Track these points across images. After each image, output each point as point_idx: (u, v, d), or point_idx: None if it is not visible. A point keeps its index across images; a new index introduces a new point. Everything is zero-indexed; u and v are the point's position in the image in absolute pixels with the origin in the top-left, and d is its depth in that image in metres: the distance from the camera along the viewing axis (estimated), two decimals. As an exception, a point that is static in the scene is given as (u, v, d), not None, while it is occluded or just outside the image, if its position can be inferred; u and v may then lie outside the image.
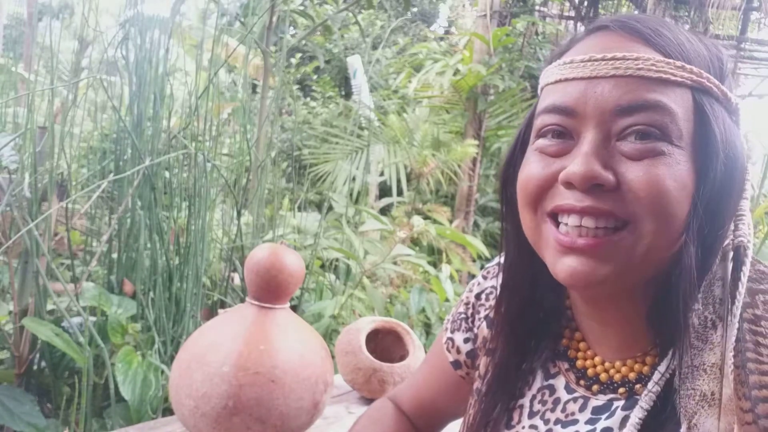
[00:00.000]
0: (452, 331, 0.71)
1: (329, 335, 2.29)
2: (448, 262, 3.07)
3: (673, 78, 0.47)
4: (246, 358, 0.65)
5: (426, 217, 3.61)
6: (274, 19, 2.65)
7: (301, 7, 3.67)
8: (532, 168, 0.51)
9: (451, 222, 4.07)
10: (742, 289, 0.44)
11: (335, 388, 1.40)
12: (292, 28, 6.09)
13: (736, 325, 0.43)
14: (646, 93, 0.46)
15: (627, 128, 0.47)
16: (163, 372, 1.69)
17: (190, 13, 5.51)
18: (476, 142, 4.69)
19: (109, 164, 2.27)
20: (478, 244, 3.09)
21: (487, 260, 4.62)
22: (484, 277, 0.71)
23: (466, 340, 0.69)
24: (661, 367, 0.49)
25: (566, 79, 0.49)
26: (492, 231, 5.24)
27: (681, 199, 0.46)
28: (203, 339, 0.67)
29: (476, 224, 5.14)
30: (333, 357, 2.08)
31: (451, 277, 2.58)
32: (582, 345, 0.57)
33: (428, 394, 0.74)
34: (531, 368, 0.60)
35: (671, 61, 0.47)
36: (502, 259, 0.61)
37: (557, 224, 0.49)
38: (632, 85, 0.47)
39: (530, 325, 0.60)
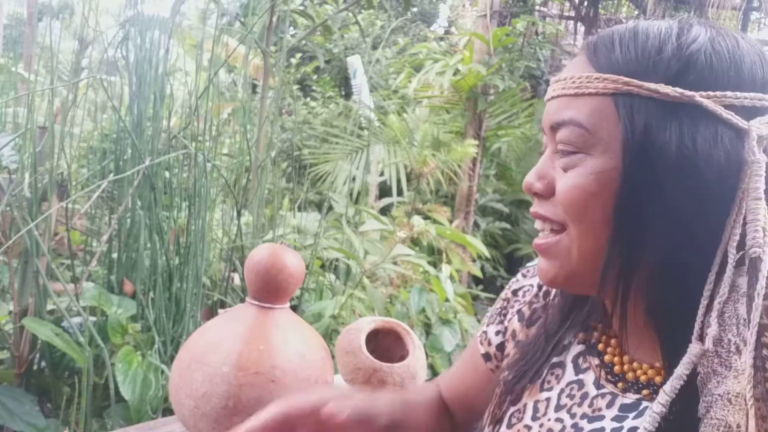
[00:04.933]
0: (487, 325, 0.74)
1: (329, 335, 2.29)
2: (448, 262, 3.07)
3: (587, 91, 0.50)
4: (246, 358, 0.65)
5: (426, 217, 3.61)
6: (274, 19, 2.65)
7: (301, 7, 3.67)
8: None
9: (451, 222, 4.07)
10: (757, 310, 0.41)
11: (335, 388, 1.40)
12: (292, 28, 6.09)
13: (752, 353, 0.41)
14: (563, 110, 0.52)
15: (558, 143, 0.53)
16: (163, 372, 1.69)
17: (190, 13, 5.51)
18: (476, 142, 4.69)
19: (109, 164, 2.27)
20: (478, 244, 3.09)
21: (487, 260, 4.62)
22: (524, 276, 0.73)
23: (497, 333, 0.71)
24: (666, 386, 0.46)
25: (545, 100, 0.57)
26: (492, 231, 5.24)
27: (595, 207, 0.50)
28: (203, 339, 0.67)
29: (476, 224, 5.14)
30: (333, 357, 2.08)
31: (451, 277, 2.58)
32: (613, 341, 0.58)
33: (462, 386, 0.76)
34: (561, 362, 0.61)
35: (590, 74, 0.51)
36: None
37: None
38: (558, 105, 0.53)
39: (563, 317, 0.62)
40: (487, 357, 0.72)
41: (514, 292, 0.72)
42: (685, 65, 0.48)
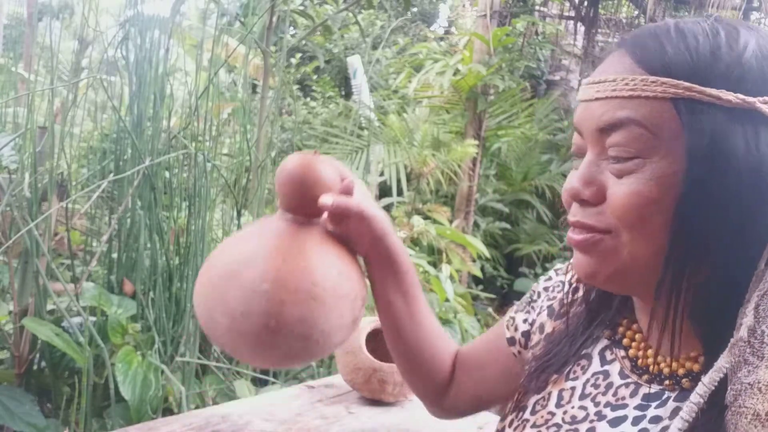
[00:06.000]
0: (515, 312, 0.75)
1: (329, 335, 2.29)
2: (448, 262, 3.07)
3: (643, 94, 0.49)
4: (286, 275, 0.60)
5: (426, 217, 3.61)
6: (274, 19, 2.65)
7: (301, 7, 3.67)
8: (565, 184, 0.57)
9: (451, 222, 4.07)
10: None
11: (335, 388, 1.40)
12: (292, 28, 6.09)
13: None
14: (618, 111, 0.50)
15: (610, 147, 0.51)
16: (162, 372, 1.69)
17: (190, 13, 5.51)
18: (476, 142, 4.69)
19: (109, 164, 2.27)
20: (478, 244, 3.10)
21: (487, 260, 4.62)
22: (556, 273, 0.75)
23: (524, 321, 0.73)
24: (705, 378, 0.48)
25: (580, 100, 0.55)
26: (492, 231, 5.24)
27: (654, 213, 0.49)
28: (234, 253, 0.62)
29: (476, 224, 5.14)
30: (332, 357, 2.10)
31: (451, 277, 2.58)
32: (638, 336, 0.58)
33: (477, 355, 0.78)
34: (588, 354, 0.62)
35: (646, 77, 0.49)
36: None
37: None
38: (608, 106, 0.51)
39: (593, 313, 0.63)
40: (511, 341, 0.73)
41: (545, 288, 0.73)
42: (742, 71, 0.48)
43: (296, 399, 1.32)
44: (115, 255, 2.12)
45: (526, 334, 0.72)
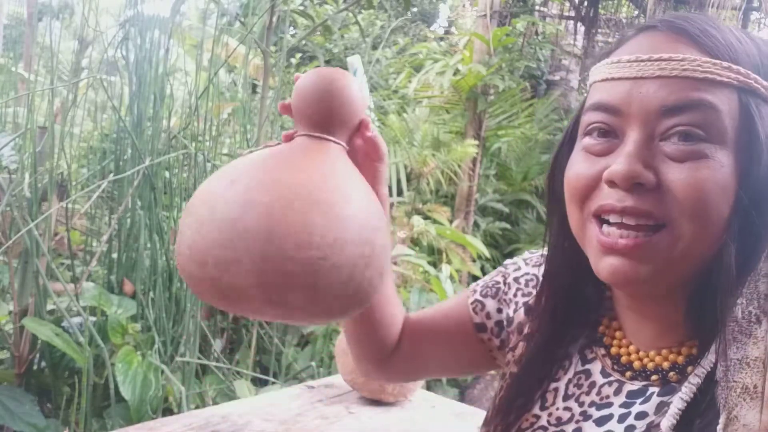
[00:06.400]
0: (483, 296, 0.72)
1: (329, 335, 2.29)
2: (448, 262, 3.07)
3: (718, 78, 0.47)
4: (368, 199, 0.53)
5: (426, 217, 3.61)
6: (274, 19, 2.65)
7: (301, 7, 3.67)
8: (580, 167, 0.52)
9: (451, 222, 4.07)
10: None
11: (335, 388, 1.40)
12: (292, 28, 6.09)
13: None
14: (691, 92, 0.47)
15: (671, 128, 0.47)
16: (162, 372, 1.69)
17: (190, 13, 5.50)
18: (476, 142, 4.69)
19: (109, 164, 2.27)
20: (478, 244, 3.10)
21: (487, 260, 4.63)
22: (526, 263, 0.72)
23: (497, 311, 0.70)
24: (703, 360, 0.49)
25: (613, 78, 0.51)
26: (492, 231, 5.24)
27: (720, 202, 0.47)
28: (299, 176, 0.51)
29: (476, 224, 5.13)
30: (332, 357, 2.09)
31: (451, 277, 2.58)
32: (618, 333, 0.58)
33: (432, 326, 0.75)
34: (567, 353, 0.61)
35: (717, 61, 0.47)
36: (546, 251, 0.64)
37: (601, 224, 0.51)
38: (677, 86, 0.47)
39: (570, 313, 0.61)
40: (481, 327, 0.71)
41: (516, 280, 0.71)
42: None
43: (296, 399, 1.32)
44: (115, 255, 2.12)
45: (500, 324, 0.70)
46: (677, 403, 0.49)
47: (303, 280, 0.48)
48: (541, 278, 0.65)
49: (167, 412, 1.72)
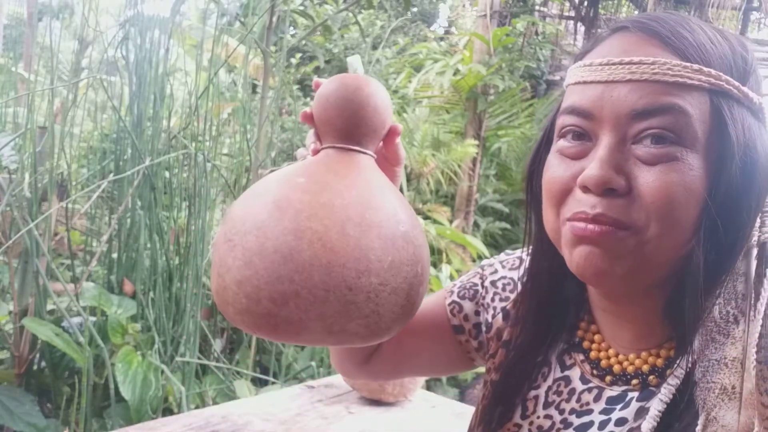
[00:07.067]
0: (460, 297, 0.71)
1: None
2: (448, 262, 3.07)
3: (689, 82, 0.47)
4: (408, 213, 0.51)
5: (426, 217, 3.61)
6: (274, 19, 2.65)
7: (301, 7, 3.67)
8: (555, 170, 0.52)
9: (451, 222, 4.07)
10: (766, 285, 0.45)
11: (335, 388, 1.40)
12: (292, 28, 6.09)
13: (760, 322, 0.44)
14: (661, 96, 0.47)
15: (642, 132, 0.47)
16: (162, 372, 1.69)
17: (190, 13, 5.50)
18: (476, 142, 4.69)
19: (109, 164, 2.27)
20: (478, 244, 3.10)
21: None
22: (502, 265, 0.71)
23: (475, 313, 0.70)
24: (681, 361, 0.49)
25: (585, 82, 0.51)
26: (492, 231, 5.24)
27: (689, 205, 0.47)
28: (346, 197, 0.48)
29: (476, 224, 5.14)
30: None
31: (451, 277, 2.58)
32: (597, 337, 0.58)
33: (409, 328, 0.71)
34: (546, 360, 0.61)
35: (688, 64, 0.47)
36: (524, 254, 0.63)
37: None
38: (648, 89, 0.47)
39: (549, 318, 0.61)
40: (459, 329, 0.70)
41: (493, 283, 0.69)
42: (756, 75, 0.50)
43: (296, 399, 1.32)
44: (115, 255, 2.12)
45: (478, 327, 0.69)
46: (656, 405, 0.49)
47: (365, 309, 0.47)
48: (519, 282, 0.64)
49: (167, 412, 1.72)
